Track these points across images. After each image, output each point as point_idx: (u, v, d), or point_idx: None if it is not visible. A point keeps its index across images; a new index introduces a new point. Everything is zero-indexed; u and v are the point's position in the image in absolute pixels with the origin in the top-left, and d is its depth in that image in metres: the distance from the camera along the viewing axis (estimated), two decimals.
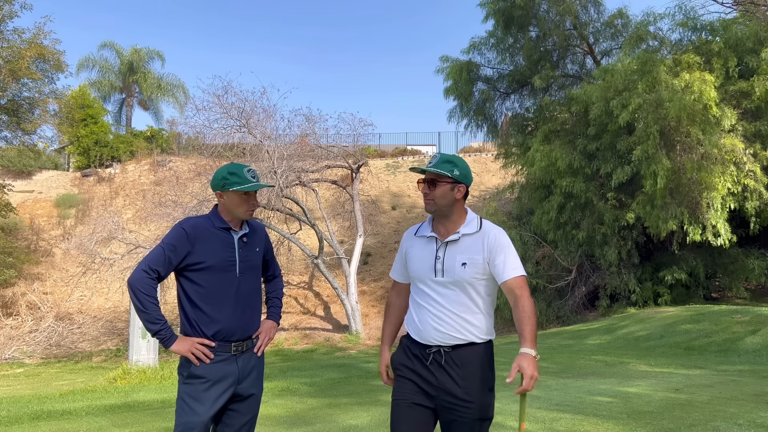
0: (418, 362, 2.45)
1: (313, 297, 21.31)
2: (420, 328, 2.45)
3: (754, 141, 13.70)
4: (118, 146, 30.15)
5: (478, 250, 2.41)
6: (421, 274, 2.48)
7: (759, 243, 15.59)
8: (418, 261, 2.50)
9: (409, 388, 2.44)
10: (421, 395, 2.41)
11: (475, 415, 2.33)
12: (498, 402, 5.84)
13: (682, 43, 15.63)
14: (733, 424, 4.57)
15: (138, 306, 2.50)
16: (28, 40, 20.13)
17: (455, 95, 19.77)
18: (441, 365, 2.39)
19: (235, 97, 17.86)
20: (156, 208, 19.06)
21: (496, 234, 2.45)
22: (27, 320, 20.45)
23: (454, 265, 2.40)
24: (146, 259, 2.56)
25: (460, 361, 2.38)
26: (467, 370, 2.38)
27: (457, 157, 2.48)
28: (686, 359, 9.02)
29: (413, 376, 2.45)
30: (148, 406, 6.80)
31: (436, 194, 2.43)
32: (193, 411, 2.51)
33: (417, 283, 2.52)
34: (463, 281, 2.39)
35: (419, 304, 2.49)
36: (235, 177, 2.61)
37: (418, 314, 2.48)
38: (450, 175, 2.41)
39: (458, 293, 2.41)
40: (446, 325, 2.39)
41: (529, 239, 16.85)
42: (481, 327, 2.43)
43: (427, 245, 2.50)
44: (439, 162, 2.44)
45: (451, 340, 2.39)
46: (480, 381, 2.38)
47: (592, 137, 15.33)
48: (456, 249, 2.43)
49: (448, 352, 2.39)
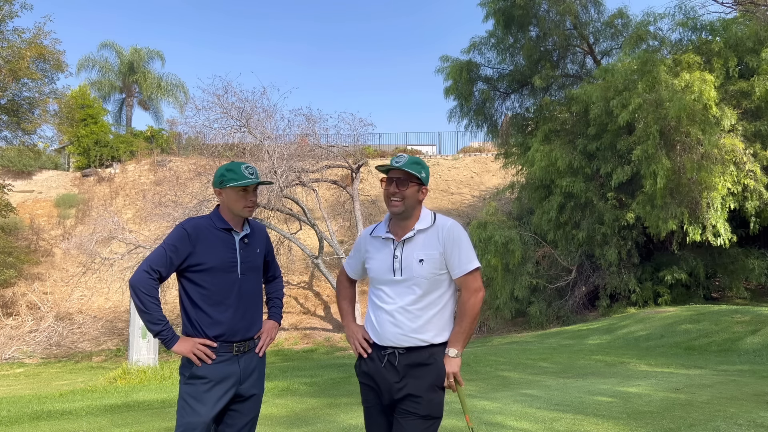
0: (372, 364, 2.48)
1: (313, 297, 21.32)
2: (378, 330, 2.46)
3: (754, 141, 13.70)
4: (118, 146, 30.15)
5: (433, 245, 2.43)
6: (380, 274, 2.49)
7: (759, 243, 15.59)
8: (376, 262, 2.52)
9: (372, 394, 2.50)
10: (380, 397, 2.47)
11: (423, 411, 2.36)
12: (498, 402, 5.86)
13: (682, 43, 15.63)
14: (733, 424, 4.57)
15: (140, 307, 2.51)
16: (28, 40, 20.13)
17: (455, 95, 19.77)
18: (394, 366, 2.42)
19: (235, 97, 17.89)
20: (156, 208, 19.07)
21: (450, 227, 2.46)
22: (27, 320, 20.46)
23: (411, 263, 2.41)
24: (148, 260, 2.57)
25: (412, 362, 2.41)
26: (419, 370, 2.40)
27: (422, 160, 2.51)
28: (686, 359, 9.03)
29: (369, 380, 2.50)
30: (148, 406, 6.80)
31: (406, 193, 2.43)
32: (195, 411, 2.52)
33: (376, 284, 2.53)
34: (421, 278, 2.40)
35: (377, 305, 2.49)
36: (232, 173, 2.64)
37: (376, 315, 2.49)
38: (419, 177, 2.44)
39: (417, 291, 2.41)
40: (404, 326, 2.40)
41: (529, 239, 16.85)
42: (439, 326, 2.44)
43: (384, 246, 2.51)
44: (409, 162, 2.43)
45: (407, 342, 2.40)
46: (430, 380, 2.40)
47: (592, 137, 15.34)
48: (412, 246, 2.44)
49: (402, 354, 2.41)
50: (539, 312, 16.08)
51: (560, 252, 16.35)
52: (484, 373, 8.30)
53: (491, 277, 16.54)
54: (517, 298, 16.13)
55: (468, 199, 26.54)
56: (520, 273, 16.11)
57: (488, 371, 8.42)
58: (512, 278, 16.12)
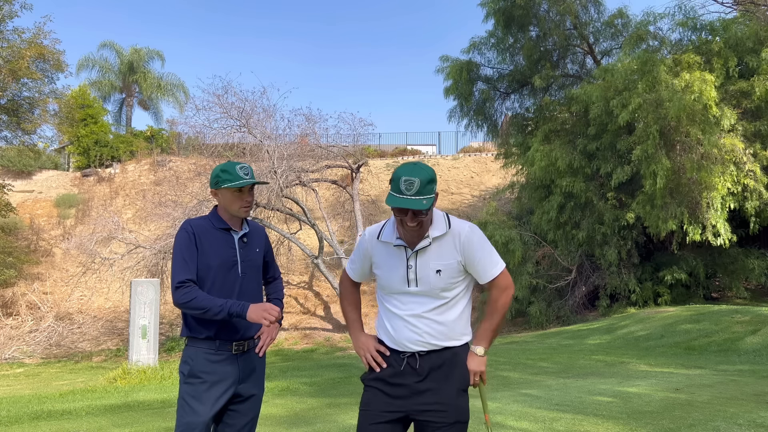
0: (391, 369, 2.33)
1: (313, 297, 21.32)
2: (394, 336, 2.33)
3: (754, 141, 13.70)
4: (118, 146, 30.14)
5: (450, 254, 2.28)
6: (393, 285, 2.32)
7: (759, 243, 15.59)
8: (387, 271, 2.34)
9: (379, 400, 2.32)
10: (393, 405, 2.29)
11: (451, 419, 2.26)
12: (498, 402, 5.85)
13: (682, 43, 15.64)
14: (733, 424, 4.56)
15: (200, 314, 2.49)
16: (28, 40, 20.11)
17: (455, 95, 19.78)
18: (415, 369, 2.29)
19: (235, 97, 17.88)
20: (156, 208, 19.07)
21: (468, 233, 2.30)
22: (27, 320, 20.45)
23: (428, 274, 2.27)
24: (173, 278, 2.56)
25: (434, 365, 2.30)
26: (442, 374, 2.30)
27: (429, 168, 2.21)
28: (686, 359, 9.03)
29: (384, 386, 2.32)
30: (148, 406, 6.80)
31: (425, 221, 2.23)
32: (194, 411, 2.51)
33: (388, 292, 2.38)
34: (438, 289, 2.28)
35: (392, 312, 2.35)
36: (227, 174, 2.63)
37: (390, 321, 2.35)
38: (434, 195, 2.20)
39: (433, 299, 2.29)
40: (422, 331, 2.28)
41: (529, 239, 16.85)
42: (457, 329, 2.33)
43: (396, 254, 2.32)
44: (423, 187, 2.13)
45: (426, 346, 2.29)
46: (455, 384, 2.30)
47: (592, 137, 15.34)
48: (428, 256, 2.27)
49: (422, 356, 2.29)
50: (539, 312, 16.08)
51: (560, 252, 16.35)
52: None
53: None
54: (517, 298, 16.12)
55: (468, 199, 26.54)
56: (520, 273, 16.11)
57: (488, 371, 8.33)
58: (512, 278, 16.10)
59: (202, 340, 2.59)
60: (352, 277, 2.58)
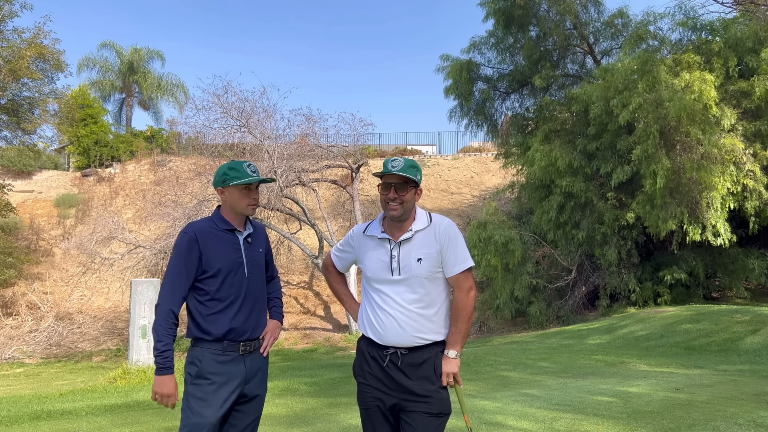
0: (375, 364, 2.49)
1: (313, 297, 21.32)
2: (380, 331, 2.47)
3: (754, 141, 13.70)
4: (118, 146, 30.14)
5: (430, 244, 2.46)
6: (377, 274, 2.49)
7: (759, 243, 15.58)
8: (372, 262, 2.52)
9: (372, 395, 2.49)
10: (384, 398, 2.46)
11: (435, 410, 2.40)
12: (498, 402, 5.86)
13: (682, 43, 15.63)
14: (733, 424, 4.57)
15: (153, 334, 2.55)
16: (28, 39, 20.10)
17: (455, 95, 19.77)
18: (397, 366, 2.43)
19: (235, 97, 17.88)
20: (156, 207, 19.07)
21: (446, 226, 2.50)
22: (27, 320, 20.45)
23: (410, 263, 2.43)
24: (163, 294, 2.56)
25: (415, 361, 2.43)
26: (423, 369, 2.43)
27: (416, 162, 2.53)
28: (686, 359, 9.02)
29: (373, 380, 2.49)
30: (148, 406, 6.79)
31: (406, 198, 2.45)
32: (201, 413, 2.49)
33: (373, 283, 2.53)
34: (420, 277, 2.42)
35: (379, 306, 2.49)
36: (234, 172, 2.64)
37: (375, 316, 2.49)
38: (416, 180, 2.47)
39: (416, 290, 2.44)
40: (407, 326, 2.42)
41: (529, 239, 16.84)
42: (439, 323, 2.48)
43: (380, 246, 2.52)
44: (406, 167, 2.46)
45: (411, 342, 2.43)
46: (436, 377, 2.44)
47: (592, 137, 15.33)
48: (410, 246, 2.46)
49: (404, 354, 2.43)
50: (539, 312, 16.07)
51: (560, 252, 16.34)
52: (484, 373, 8.30)
53: (491, 277, 16.53)
54: (517, 298, 16.12)
55: (468, 199, 26.54)
56: (520, 273, 16.10)
57: (488, 371, 8.42)
58: (512, 278, 16.11)
59: (210, 341, 2.58)
60: (334, 262, 2.79)
